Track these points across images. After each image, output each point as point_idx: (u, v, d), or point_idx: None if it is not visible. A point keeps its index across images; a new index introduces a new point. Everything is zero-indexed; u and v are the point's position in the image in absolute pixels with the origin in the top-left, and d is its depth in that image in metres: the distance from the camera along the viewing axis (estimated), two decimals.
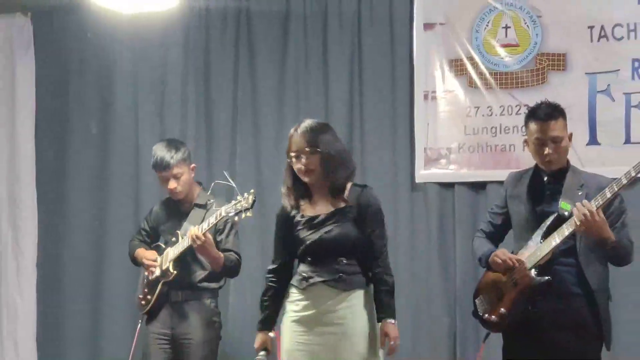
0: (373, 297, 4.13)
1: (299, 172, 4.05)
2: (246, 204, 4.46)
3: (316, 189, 4.11)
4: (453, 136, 5.54)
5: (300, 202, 4.14)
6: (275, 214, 4.28)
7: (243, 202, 4.48)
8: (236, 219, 4.57)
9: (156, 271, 4.94)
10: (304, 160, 4.01)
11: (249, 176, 5.73)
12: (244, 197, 4.49)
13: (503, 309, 4.10)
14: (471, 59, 5.51)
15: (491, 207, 4.47)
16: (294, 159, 4.04)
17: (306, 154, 4.01)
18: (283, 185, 4.15)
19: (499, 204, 4.37)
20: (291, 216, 4.15)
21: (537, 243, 4.05)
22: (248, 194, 4.47)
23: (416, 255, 5.60)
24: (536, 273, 4.02)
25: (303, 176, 4.05)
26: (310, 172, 4.03)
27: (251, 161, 5.86)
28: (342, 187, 4.09)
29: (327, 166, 4.02)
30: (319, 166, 4.02)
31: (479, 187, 5.46)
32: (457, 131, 5.53)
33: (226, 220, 4.73)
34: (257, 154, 5.86)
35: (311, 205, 4.14)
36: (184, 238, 4.81)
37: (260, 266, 5.31)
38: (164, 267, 4.90)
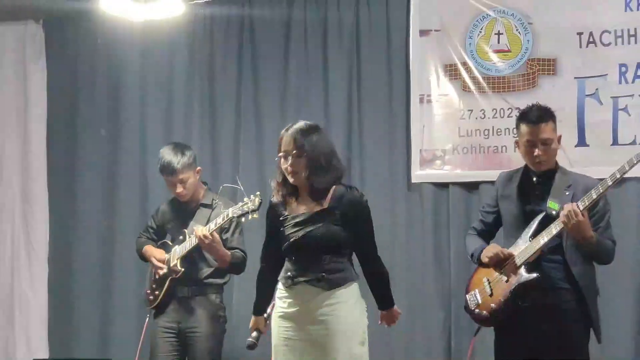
0: (370, 290, 4.15)
1: (286, 171, 4.03)
2: (253, 205, 4.48)
3: (302, 188, 4.09)
4: (447, 138, 5.55)
5: (287, 199, 4.11)
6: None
7: (250, 204, 4.50)
8: (243, 220, 4.60)
9: (164, 269, 4.95)
10: (290, 162, 3.98)
11: (252, 177, 5.73)
12: (251, 199, 4.51)
13: (493, 305, 4.13)
14: (465, 64, 5.52)
15: (483, 206, 4.51)
16: (282, 158, 4.03)
17: (293, 156, 3.97)
18: (273, 180, 4.13)
19: (490, 203, 4.40)
20: (278, 213, 4.14)
21: (526, 241, 4.08)
22: (254, 196, 4.48)
23: (412, 252, 5.62)
24: (525, 270, 4.05)
25: (288, 176, 4.02)
26: (295, 173, 3.98)
27: (254, 162, 5.87)
28: (323, 191, 4.04)
29: (311, 169, 3.97)
30: (304, 169, 3.96)
31: (472, 187, 5.47)
32: (451, 133, 5.54)
33: (231, 219, 4.74)
34: (260, 156, 5.86)
35: (298, 204, 4.10)
36: (190, 237, 4.82)
37: (260, 264, 5.34)
38: (171, 264, 4.91)
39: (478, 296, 4.25)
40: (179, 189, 4.95)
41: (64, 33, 6.34)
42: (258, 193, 4.46)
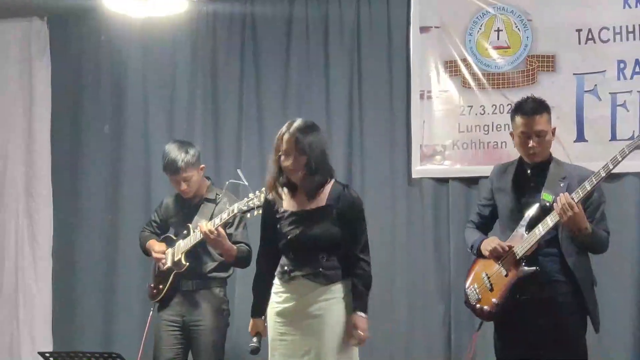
0: (351, 288, 4.07)
1: (286, 169, 4.03)
2: (258, 201, 4.44)
3: (299, 185, 4.08)
4: (447, 134, 5.54)
5: (282, 195, 4.11)
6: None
7: (255, 200, 4.47)
8: (248, 215, 4.57)
9: (168, 262, 4.93)
10: (291, 160, 3.98)
11: (254, 173, 5.66)
12: (256, 195, 4.48)
13: (495, 299, 4.12)
14: (465, 60, 5.51)
15: (479, 199, 4.52)
16: (282, 156, 4.01)
17: (293, 154, 3.98)
18: (268, 176, 4.11)
19: (486, 196, 4.41)
20: (274, 210, 4.14)
21: (522, 233, 4.07)
22: (259, 192, 4.44)
23: (412, 246, 5.61)
24: (524, 263, 4.03)
25: (289, 173, 4.03)
26: (294, 171, 4.00)
27: (256, 158, 5.82)
28: (316, 189, 4.04)
29: (309, 168, 3.99)
30: (303, 167, 3.99)
31: (471, 181, 5.46)
32: (451, 129, 5.53)
33: (236, 215, 4.71)
34: (262, 152, 5.75)
35: (294, 201, 4.10)
36: (195, 231, 4.81)
37: None
38: (176, 258, 4.89)
39: (478, 291, 4.24)
40: (183, 186, 4.94)
41: (68, 30, 6.33)
42: (263, 189, 4.40)
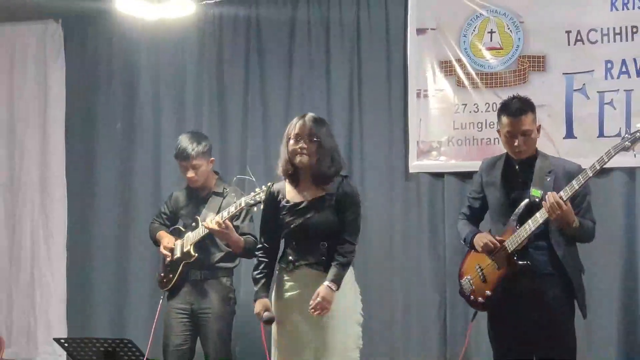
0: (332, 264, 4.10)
1: (294, 152, 4.10)
2: (264, 195, 4.46)
3: (302, 177, 4.16)
4: (443, 131, 5.57)
5: (286, 187, 4.19)
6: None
7: (261, 194, 4.51)
8: (255, 209, 4.62)
9: (177, 253, 4.99)
10: (302, 143, 4.08)
11: (259, 168, 5.71)
12: (262, 189, 4.53)
13: (488, 292, 4.19)
14: (459, 60, 5.54)
15: (469, 192, 4.54)
16: (292, 140, 4.10)
17: (305, 139, 4.08)
18: (280, 163, 4.21)
19: (476, 189, 4.44)
20: (277, 200, 4.20)
21: (513, 227, 4.12)
22: (265, 186, 4.47)
23: (409, 238, 5.66)
24: (516, 257, 4.09)
25: (297, 156, 4.09)
26: (304, 154, 4.07)
27: (260, 155, 5.89)
28: (327, 178, 4.13)
29: (320, 155, 4.08)
30: (314, 153, 4.08)
31: (466, 176, 5.43)
32: (446, 126, 5.57)
33: (243, 208, 4.76)
34: (266, 148, 5.87)
35: (296, 192, 4.18)
36: (203, 224, 4.86)
37: None
38: (185, 249, 4.95)
39: (472, 282, 4.30)
40: (191, 173, 4.99)
41: (82, 32, 6.36)
42: (269, 184, 4.47)
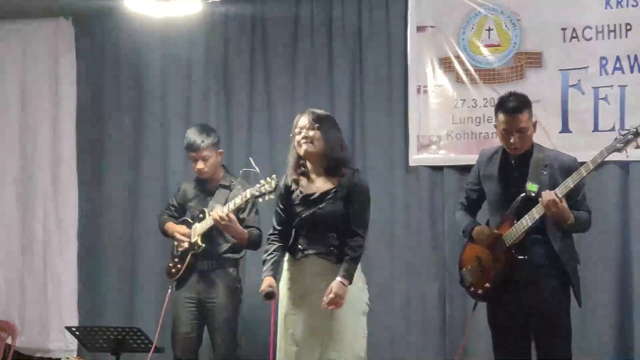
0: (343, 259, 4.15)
1: (299, 143, 4.14)
2: (269, 187, 4.51)
3: (313, 169, 4.19)
4: (442, 125, 5.59)
5: (299, 178, 4.21)
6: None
7: (267, 186, 4.53)
8: (260, 200, 4.64)
9: (185, 244, 5.02)
10: (305, 133, 4.13)
11: (263, 162, 5.66)
12: (267, 181, 4.54)
13: (488, 284, 4.23)
14: (458, 57, 5.56)
15: (467, 183, 4.55)
16: (297, 135, 4.15)
17: (307, 128, 4.13)
18: (287, 162, 4.26)
19: (473, 181, 4.46)
20: (290, 191, 4.23)
21: (511, 220, 4.13)
22: (270, 178, 4.51)
23: (409, 229, 5.68)
24: (515, 251, 4.12)
25: (303, 146, 4.14)
26: (309, 143, 4.12)
27: (265, 149, 5.90)
28: (335, 168, 4.16)
29: (325, 141, 4.12)
30: (319, 140, 4.12)
31: (465, 169, 5.39)
32: (445, 121, 5.59)
33: (248, 200, 4.77)
34: (271, 143, 5.91)
35: (308, 184, 4.22)
36: (210, 215, 4.89)
37: None
38: (192, 240, 4.98)
39: (471, 274, 4.35)
40: (200, 164, 5.01)
41: (92, 29, 6.34)
42: (274, 176, 4.49)
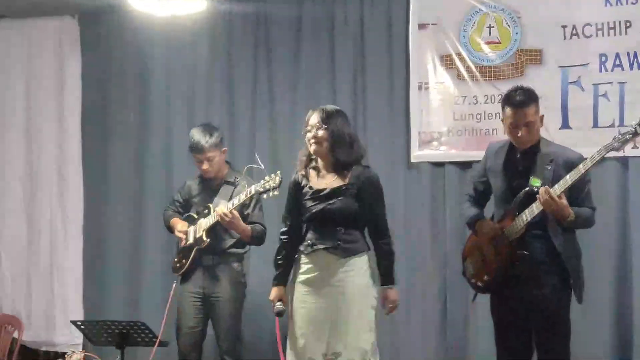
0: (377, 264, 4.24)
1: (308, 142, 4.15)
2: (274, 183, 4.52)
3: (324, 165, 4.18)
4: (443, 121, 5.59)
5: (310, 174, 4.21)
6: (288, 184, 4.38)
7: (271, 182, 4.53)
8: (264, 196, 4.62)
9: (190, 239, 5.00)
10: (314, 132, 4.13)
11: (266, 158, 5.68)
12: (272, 177, 4.53)
13: (487, 277, 4.23)
14: (459, 54, 5.55)
15: (473, 175, 4.54)
16: (308, 133, 4.15)
17: (317, 127, 4.13)
18: (299, 158, 4.26)
19: (480, 173, 4.44)
20: (301, 186, 4.23)
21: (513, 214, 4.12)
22: (275, 175, 4.50)
23: (411, 224, 5.68)
24: (515, 245, 4.10)
25: (312, 146, 4.15)
26: (318, 143, 4.12)
27: (268, 145, 5.89)
28: (345, 165, 4.16)
29: (334, 142, 4.11)
30: (326, 140, 4.11)
31: (465, 165, 5.49)
32: (447, 117, 5.58)
33: (253, 196, 4.77)
34: (274, 139, 5.92)
35: (319, 180, 4.21)
36: (215, 211, 4.87)
37: (277, 236, 5.35)
38: (197, 235, 4.97)
39: (473, 266, 4.35)
40: (205, 165, 5.01)
41: (97, 27, 6.35)
42: (279, 172, 4.47)
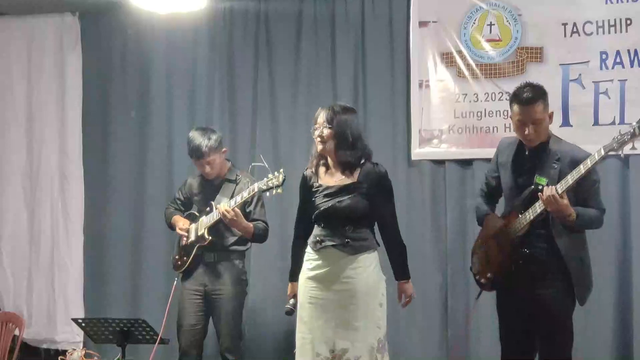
0: (389, 260, 4.23)
1: (316, 140, 4.14)
2: (277, 181, 4.46)
3: (333, 163, 4.17)
4: (444, 119, 5.57)
5: (320, 171, 4.19)
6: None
7: (274, 180, 4.48)
8: (267, 194, 4.58)
9: (192, 236, 4.96)
10: (320, 131, 4.11)
11: (267, 156, 5.55)
12: (275, 175, 4.49)
13: (490, 274, 4.20)
14: (460, 52, 5.53)
15: (487, 170, 4.45)
16: (315, 131, 4.14)
17: (321, 127, 4.11)
18: (310, 154, 4.24)
19: (492, 168, 4.36)
20: (310, 184, 4.21)
21: (518, 212, 4.07)
22: (278, 172, 4.47)
23: (412, 221, 5.62)
24: (517, 243, 4.05)
25: (318, 145, 4.14)
26: (322, 142, 4.10)
27: (269, 143, 5.87)
28: (350, 165, 4.13)
29: (338, 142, 4.09)
30: (331, 139, 4.08)
31: (466, 163, 5.52)
32: (447, 115, 5.56)
33: (255, 194, 4.72)
34: (275, 137, 5.89)
35: (329, 176, 4.19)
36: (217, 209, 4.83)
37: (278, 233, 5.36)
38: (199, 233, 4.93)
39: (478, 263, 4.31)
40: (207, 169, 4.99)
41: (98, 24, 6.33)
42: (282, 170, 4.44)
